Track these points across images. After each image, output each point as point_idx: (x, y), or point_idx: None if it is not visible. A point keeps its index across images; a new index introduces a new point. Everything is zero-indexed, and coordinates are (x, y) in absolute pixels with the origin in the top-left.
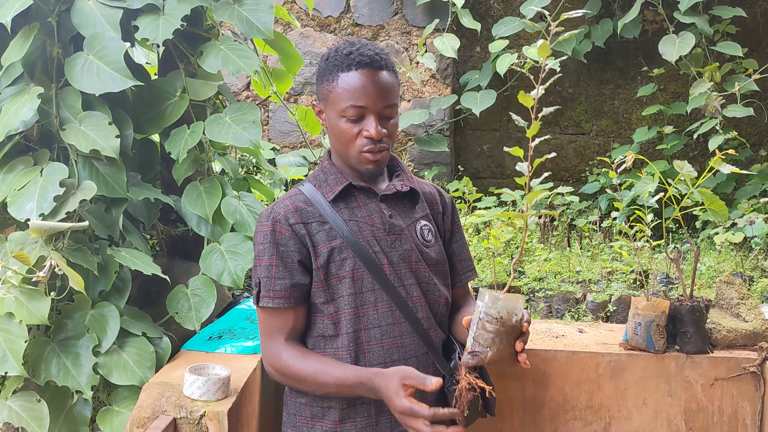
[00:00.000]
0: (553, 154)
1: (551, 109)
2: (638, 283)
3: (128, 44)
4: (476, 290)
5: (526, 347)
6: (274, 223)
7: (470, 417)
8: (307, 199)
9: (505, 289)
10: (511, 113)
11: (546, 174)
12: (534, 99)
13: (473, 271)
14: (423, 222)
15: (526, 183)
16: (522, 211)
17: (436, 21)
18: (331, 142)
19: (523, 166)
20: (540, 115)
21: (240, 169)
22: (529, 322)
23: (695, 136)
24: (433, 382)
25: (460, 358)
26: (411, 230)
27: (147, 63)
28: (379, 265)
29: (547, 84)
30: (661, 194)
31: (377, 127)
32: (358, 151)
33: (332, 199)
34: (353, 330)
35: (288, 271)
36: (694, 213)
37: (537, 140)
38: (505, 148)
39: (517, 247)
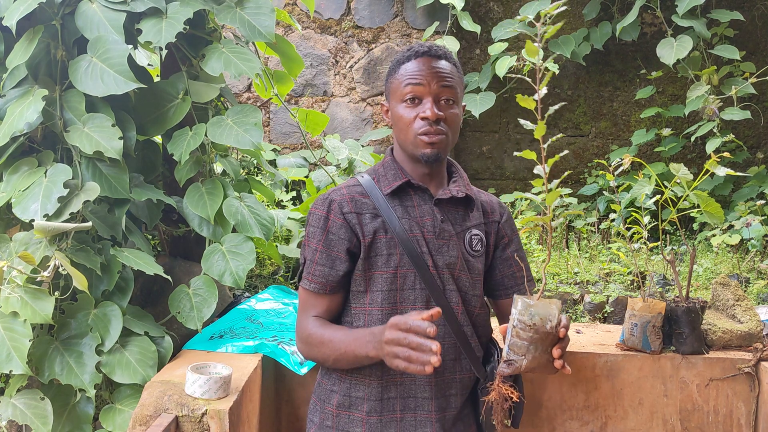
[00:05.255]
0: (566, 152)
1: (556, 106)
2: (635, 284)
3: (131, 47)
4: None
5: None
6: (328, 210)
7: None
8: (363, 191)
9: (538, 295)
10: (519, 119)
11: (566, 172)
12: (536, 101)
13: (532, 281)
14: (474, 231)
15: (544, 184)
16: (544, 214)
17: (436, 23)
18: (394, 133)
19: (540, 169)
20: (546, 114)
21: (241, 171)
22: (566, 327)
23: (693, 138)
24: (426, 314)
25: (498, 361)
26: (460, 238)
27: (150, 65)
28: (426, 266)
29: (544, 81)
30: (658, 196)
31: (432, 107)
32: (414, 134)
33: (389, 195)
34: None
35: (330, 260)
36: (692, 215)
37: (550, 140)
38: (516, 153)
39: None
